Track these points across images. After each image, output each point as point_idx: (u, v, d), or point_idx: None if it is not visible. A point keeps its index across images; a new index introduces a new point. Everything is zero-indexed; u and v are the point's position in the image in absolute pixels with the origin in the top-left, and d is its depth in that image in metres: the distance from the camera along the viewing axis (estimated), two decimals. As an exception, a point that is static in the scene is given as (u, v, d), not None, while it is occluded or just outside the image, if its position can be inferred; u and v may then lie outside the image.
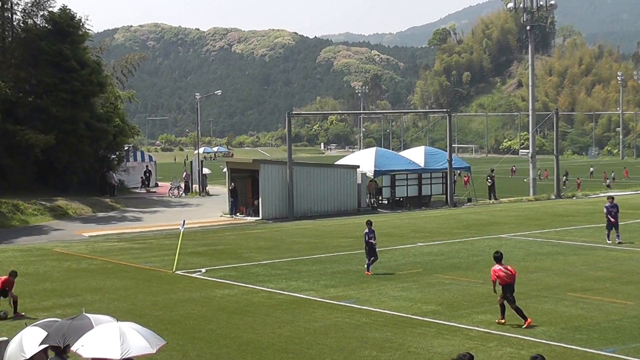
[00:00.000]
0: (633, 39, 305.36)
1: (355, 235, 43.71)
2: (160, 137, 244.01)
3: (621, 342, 20.38)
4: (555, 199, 66.43)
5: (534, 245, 38.34)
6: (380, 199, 61.95)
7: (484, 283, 28.61)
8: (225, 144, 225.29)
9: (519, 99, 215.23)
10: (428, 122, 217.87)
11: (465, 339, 20.98)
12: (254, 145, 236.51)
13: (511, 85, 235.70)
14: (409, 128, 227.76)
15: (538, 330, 21.78)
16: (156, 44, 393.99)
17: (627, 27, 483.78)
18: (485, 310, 24.24)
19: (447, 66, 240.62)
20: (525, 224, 47.85)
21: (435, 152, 69.07)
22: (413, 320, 23.36)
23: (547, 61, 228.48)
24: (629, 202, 61.62)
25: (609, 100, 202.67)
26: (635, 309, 24.24)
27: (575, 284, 28.30)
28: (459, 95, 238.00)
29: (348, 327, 22.66)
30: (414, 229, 46.35)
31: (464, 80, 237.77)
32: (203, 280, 30.33)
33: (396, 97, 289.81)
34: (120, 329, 12.71)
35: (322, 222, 51.32)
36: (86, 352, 12.45)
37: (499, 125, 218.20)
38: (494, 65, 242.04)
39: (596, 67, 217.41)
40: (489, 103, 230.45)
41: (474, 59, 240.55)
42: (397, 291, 27.59)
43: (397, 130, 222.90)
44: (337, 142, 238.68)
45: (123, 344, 12.44)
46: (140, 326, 13.71)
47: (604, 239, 39.62)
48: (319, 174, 56.95)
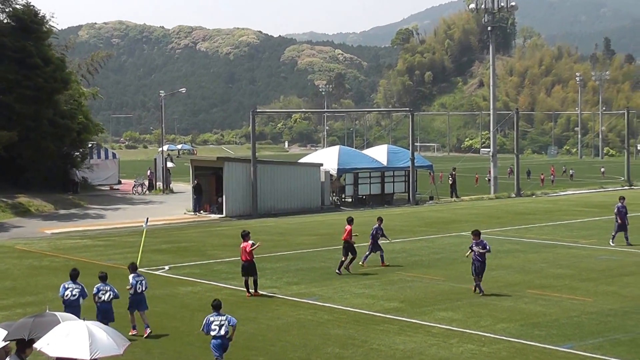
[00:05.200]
0: (591, 41, 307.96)
1: (319, 232, 43.72)
2: (124, 134, 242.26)
3: (579, 339, 20.54)
4: (515, 197, 66.82)
5: (494, 243, 38.40)
6: (344, 197, 61.96)
7: (446, 280, 28.75)
8: (189, 142, 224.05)
9: (480, 98, 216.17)
10: (391, 121, 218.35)
11: (427, 336, 21.05)
12: (218, 143, 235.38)
13: (472, 85, 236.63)
14: (372, 127, 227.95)
15: (498, 327, 21.89)
16: (121, 42, 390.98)
17: (585, 29, 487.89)
18: (447, 308, 24.33)
19: (410, 66, 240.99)
20: (485, 222, 48.04)
21: (398, 150, 69.14)
22: (376, 317, 23.39)
23: (508, 61, 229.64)
24: (584, 201, 62.21)
25: (568, 100, 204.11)
26: (593, 305, 24.45)
27: (535, 281, 28.48)
28: (421, 94, 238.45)
29: (311, 324, 22.64)
30: (377, 227, 46.31)
31: (426, 79, 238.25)
32: (166, 278, 30.16)
33: (360, 96, 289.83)
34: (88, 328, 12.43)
35: (285, 219, 51.24)
36: (52, 351, 12.08)
37: (461, 124, 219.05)
38: (455, 65, 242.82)
39: (556, 68, 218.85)
40: (450, 102, 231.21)
41: (436, 59, 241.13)
42: (360, 288, 27.61)
43: (361, 129, 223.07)
44: (301, 141, 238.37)
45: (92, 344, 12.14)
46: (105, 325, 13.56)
47: (564, 237, 39.92)
48: (283, 172, 56.86)
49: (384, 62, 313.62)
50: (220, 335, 17.60)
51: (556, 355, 19.21)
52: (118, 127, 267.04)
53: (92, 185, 73.43)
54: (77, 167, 70.00)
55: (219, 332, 17.58)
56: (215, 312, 17.91)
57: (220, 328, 17.60)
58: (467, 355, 19.26)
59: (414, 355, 19.33)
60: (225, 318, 17.77)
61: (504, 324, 22.17)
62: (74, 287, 21.19)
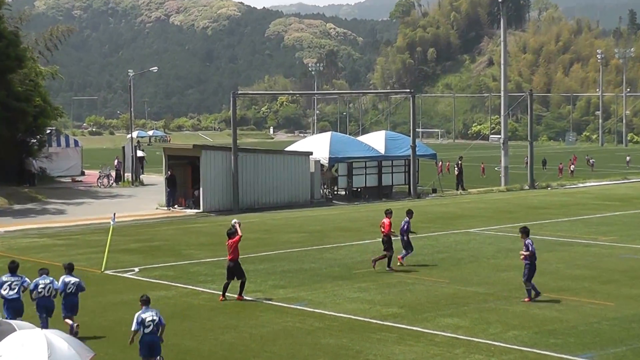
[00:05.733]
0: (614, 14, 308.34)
1: (308, 229, 43.82)
2: (87, 119, 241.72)
3: (599, 348, 20.67)
4: (528, 189, 67.03)
5: (506, 241, 38.66)
6: (336, 190, 62.00)
7: (450, 283, 28.87)
8: (162, 128, 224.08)
9: (489, 78, 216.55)
10: (389, 104, 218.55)
11: (429, 345, 21.16)
12: (195, 129, 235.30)
13: (481, 63, 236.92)
14: (368, 110, 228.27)
15: (509, 334, 22.01)
16: (83, 14, 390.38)
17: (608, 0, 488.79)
18: (451, 313, 24.44)
19: (411, 42, 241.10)
20: (495, 217, 48.23)
21: (397, 137, 69.15)
22: (371, 324, 23.49)
23: (521, 37, 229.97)
24: (605, 194, 62.45)
25: (588, 80, 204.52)
26: (615, 310, 24.59)
27: (550, 283, 28.60)
28: (423, 74, 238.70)
29: (299, 332, 22.72)
30: (373, 223, 46.30)
31: (429, 57, 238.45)
32: (136, 281, 30.20)
33: (354, 76, 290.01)
34: (47, 338, 12.46)
35: (270, 215, 51.32)
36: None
37: (468, 107, 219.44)
38: (462, 42, 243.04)
39: (574, 44, 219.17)
40: (456, 83, 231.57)
41: (440, 34, 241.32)
42: (354, 292, 27.70)
43: (355, 113, 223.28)
44: (288, 126, 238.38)
45: (51, 355, 12.19)
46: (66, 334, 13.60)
47: (582, 234, 40.11)
48: (268, 162, 56.86)
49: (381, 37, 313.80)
50: (150, 333, 18.70)
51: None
52: (80, 111, 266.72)
53: (52, 176, 73.29)
54: (34, 156, 69.85)
55: (150, 329, 18.70)
56: (144, 307, 18.97)
57: (150, 326, 18.71)
58: (474, 367, 19.39)
59: (415, 367, 19.45)
60: (155, 314, 18.88)
61: (515, 332, 22.30)
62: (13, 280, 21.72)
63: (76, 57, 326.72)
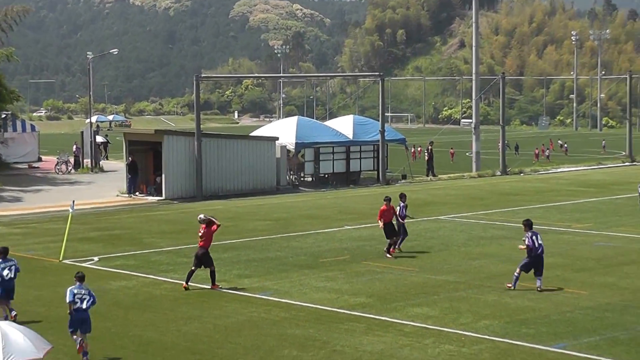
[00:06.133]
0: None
1: (274, 217, 43.81)
2: (45, 103, 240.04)
3: (572, 337, 20.82)
4: (501, 175, 67.27)
5: (477, 228, 38.86)
6: (303, 176, 61.99)
7: (420, 271, 28.98)
8: (122, 112, 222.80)
9: (461, 61, 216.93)
10: (358, 88, 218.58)
11: (398, 336, 21.22)
12: (157, 114, 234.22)
13: (452, 45, 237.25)
14: (336, 94, 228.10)
15: (480, 324, 22.12)
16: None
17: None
18: (421, 303, 24.53)
19: (380, 23, 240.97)
20: (467, 204, 48.42)
21: (366, 121, 69.18)
22: (339, 314, 23.54)
23: (494, 18, 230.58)
24: (579, 179, 62.80)
25: (562, 63, 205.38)
26: (588, 299, 24.77)
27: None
28: (393, 56, 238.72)
29: (265, 323, 22.74)
30: (340, 210, 46.56)
31: (399, 39, 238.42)
32: (96, 271, 30.08)
33: (321, 59, 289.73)
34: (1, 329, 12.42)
35: (235, 202, 51.25)
36: (-43, 357, 12.10)
37: (439, 91, 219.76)
38: (433, 23, 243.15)
39: (548, 26, 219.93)
40: (427, 66, 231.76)
41: (410, 16, 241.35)
42: (321, 281, 27.74)
43: (322, 97, 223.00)
44: (253, 111, 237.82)
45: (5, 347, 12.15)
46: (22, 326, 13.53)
47: (556, 221, 40.33)
48: (232, 147, 56.73)
49: (349, 19, 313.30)
50: (81, 309, 19.36)
51: (546, 357, 19.47)
52: (37, 95, 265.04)
53: (7, 163, 72.87)
54: (-11, 141, 69.44)
55: (80, 305, 19.35)
56: (79, 283, 19.58)
57: (82, 302, 19.38)
58: (445, 358, 19.46)
59: (384, 358, 19.50)
60: (88, 292, 19.51)
61: (486, 321, 22.41)
62: None
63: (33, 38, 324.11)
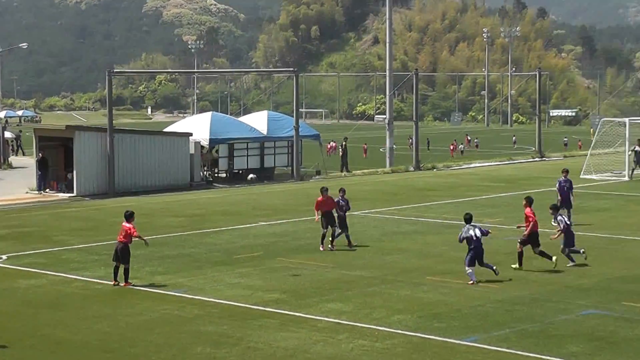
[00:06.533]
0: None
1: (188, 213, 43.62)
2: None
3: (483, 330, 21.08)
4: (414, 171, 67.79)
5: (390, 224, 39.13)
6: (217, 172, 61.81)
7: (335, 267, 29.06)
8: (32, 107, 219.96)
9: (375, 57, 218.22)
10: (272, 83, 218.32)
11: (312, 331, 21.27)
12: (68, 109, 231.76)
13: (366, 42, 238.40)
14: (250, 90, 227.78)
15: (393, 319, 22.27)
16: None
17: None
18: (335, 298, 24.62)
19: (295, 19, 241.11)
20: (380, 199, 48.70)
21: (280, 117, 69.21)
22: (253, 310, 23.52)
23: (407, 15, 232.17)
24: (491, 175, 63.58)
25: (474, 59, 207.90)
26: (499, 292, 25.10)
27: (436, 266, 29.06)
28: (307, 52, 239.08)
29: (178, 320, 22.63)
30: (254, 206, 46.52)
31: (313, 35, 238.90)
32: (4, 269, 29.66)
33: (236, 54, 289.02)
34: None
35: (148, 198, 50.87)
36: None
37: (353, 87, 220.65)
38: (347, 19, 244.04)
39: (460, 23, 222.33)
40: (341, 62, 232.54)
41: (325, 11, 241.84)
42: (235, 278, 27.70)
43: (237, 93, 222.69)
44: (167, 106, 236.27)
45: None
46: None
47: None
48: (145, 143, 56.31)
49: (264, 14, 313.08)
50: None
51: (458, 350, 19.67)
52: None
53: None
54: None
55: None
56: None
57: None
58: (358, 352, 19.55)
59: (298, 354, 19.53)
60: None
61: (399, 316, 22.57)
62: None
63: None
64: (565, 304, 23.84)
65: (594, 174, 58.87)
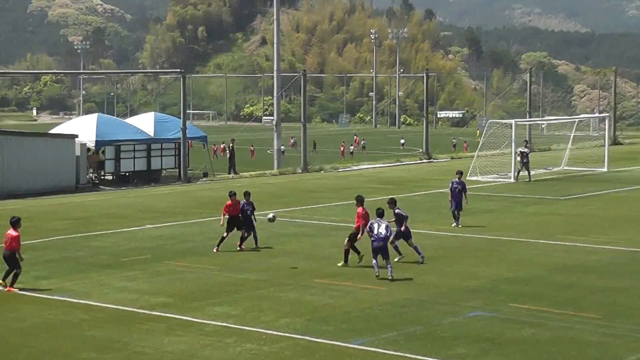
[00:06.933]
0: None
1: (74, 216, 43.05)
2: None
3: (371, 333, 21.23)
4: (302, 172, 67.97)
5: (278, 226, 39.08)
6: (103, 174, 61.20)
7: (222, 270, 29.00)
8: None
9: (262, 58, 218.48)
10: (159, 85, 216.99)
11: (200, 335, 21.20)
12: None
13: (254, 42, 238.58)
14: (137, 91, 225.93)
15: (281, 322, 22.31)
16: None
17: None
18: (222, 302, 24.56)
19: (182, 19, 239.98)
20: (268, 201, 48.66)
21: (167, 119, 68.94)
22: (140, 315, 23.33)
23: (295, 16, 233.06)
24: (378, 177, 64.10)
25: (362, 60, 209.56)
26: (387, 295, 25.30)
27: (324, 269, 29.17)
28: (194, 53, 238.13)
29: (63, 325, 22.33)
30: (141, 209, 46.16)
31: (200, 36, 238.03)
32: None
33: (122, 55, 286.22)
34: None
35: (33, 201, 50.08)
36: None
37: (240, 88, 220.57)
38: (234, 19, 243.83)
39: (348, 24, 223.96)
40: (228, 63, 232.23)
41: (212, 12, 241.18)
42: (122, 281, 27.45)
43: (123, 94, 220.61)
44: (52, 108, 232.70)
45: None
46: None
47: (355, 218, 40.95)
48: (30, 145, 55.46)
49: (150, 14, 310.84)
50: None
51: (346, 353, 19.77)
52: None
53: None
54: None
55: None
56: None
57: None
58: (246, 356, 19.54)
59: (185, 358, 19.43)
60: None
61: (287, 319, 22.61)
62: None
63: None
64: (452, 306, 24.05)
65: (480, 175, 59.64)
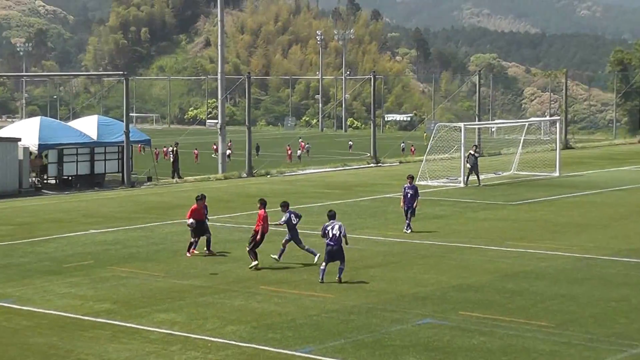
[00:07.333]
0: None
1: (16, 221, 42.72)
2: None
3: (319, 341, 21.23)
4: (247, 177, 67.80)
5: (223, 232, 39.11)
6: (46, 178, 60.74)
7: (167, 276, 28.90)
8: None
9: (206, 60, 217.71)
10: (102, 87, 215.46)
11: (144, 343, 21.13)
12: None
13: (198, 44, 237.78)
14: (80, 94, 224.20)
15: (227, 329, 22.27)
16: None
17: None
18: (167, 309, 24.48)
19: (124, 21, 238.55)
20: (212, 206, 48.03)
21: (110, 122, 68.61)
22: (84, 321, 23.21)
23: (239, 17, 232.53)
24: (325, 181, 64.08)
25: (307, 62, 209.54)
26: (335, 302, 25.30)
27: (270, 275, 29.16)
28: (137, 55, 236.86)
29: (5, 332, 22.19)
30: (85, 214, 45.88)
31: (143, 38, 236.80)
32: None
33: (65, 57, 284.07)
34: None
35: (-27, 206, 49.63)
36: None
37: (184, 91, 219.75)
38: (178, 21, 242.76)
39: (293, 25, 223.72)
40: (172, 65, 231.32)
41: (155, 13, 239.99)
42: (65, 287, 27.29)
43: (66, 97, 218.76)
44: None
45: None
46: None
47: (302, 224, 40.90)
48: (-30, 148, 54.92)
49: (93, 16, 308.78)
50: None
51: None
52: None
53: None
54: None
55: None
56: None
57: None
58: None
59: (130, 366, 19.40)
60: None
61: (233, 327, 22.56)
62: None
63: None
64: (401, 313, 23.97)
65: (429, 179, 59.13)
